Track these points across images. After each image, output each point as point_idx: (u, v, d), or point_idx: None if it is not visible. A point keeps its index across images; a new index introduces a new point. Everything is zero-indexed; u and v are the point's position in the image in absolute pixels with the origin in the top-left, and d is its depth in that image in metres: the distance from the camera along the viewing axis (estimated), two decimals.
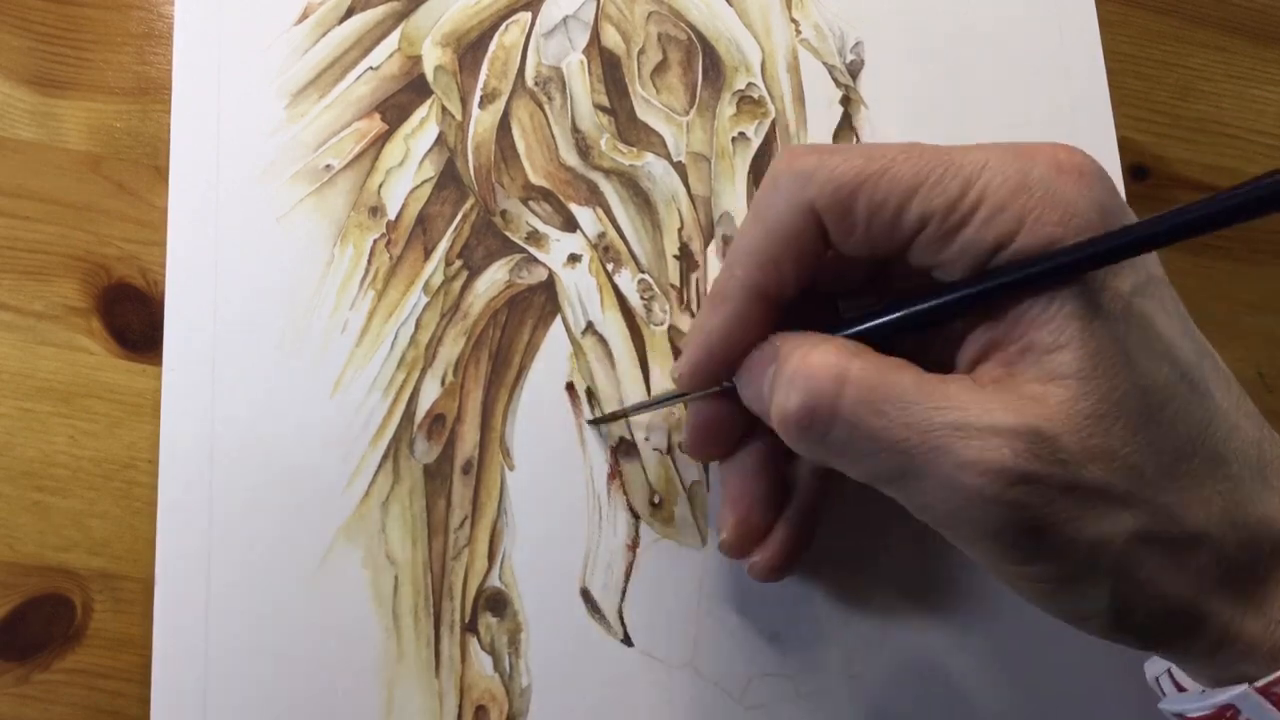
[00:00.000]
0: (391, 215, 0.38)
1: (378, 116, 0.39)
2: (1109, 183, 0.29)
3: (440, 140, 0.39)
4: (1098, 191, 0.28)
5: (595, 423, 0.37)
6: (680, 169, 0.40)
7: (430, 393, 0.37)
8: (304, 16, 0.39)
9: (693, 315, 0.39)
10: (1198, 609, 0.28)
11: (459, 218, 0.39)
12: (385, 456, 0.36)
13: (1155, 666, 0.32)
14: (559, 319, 0.38)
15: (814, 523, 0.35)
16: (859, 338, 0.30)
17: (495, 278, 0.38)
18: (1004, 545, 0.28)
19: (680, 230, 0.40)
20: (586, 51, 0.41)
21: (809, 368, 0.29)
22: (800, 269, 0.31)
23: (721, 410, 0.34)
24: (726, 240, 0.40)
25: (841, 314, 0.34)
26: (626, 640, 0.36)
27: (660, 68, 0.41)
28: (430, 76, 0.40)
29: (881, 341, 0.30)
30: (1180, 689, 0.31)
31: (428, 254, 0.38)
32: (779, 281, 0.31)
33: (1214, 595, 0.28)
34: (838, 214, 0.29)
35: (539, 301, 0.39)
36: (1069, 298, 0.27)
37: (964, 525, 0.28)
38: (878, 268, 0.33)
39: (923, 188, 0.28)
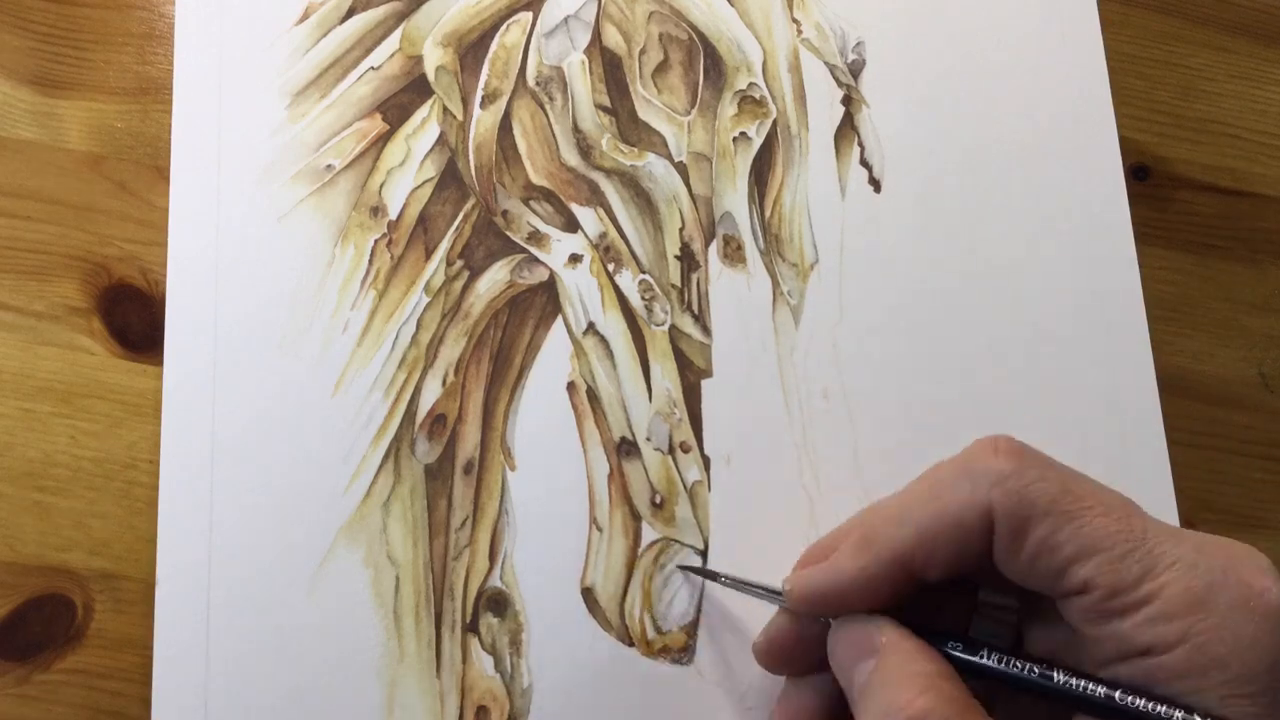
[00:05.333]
0: (393, 215, 0.38)
1: (379, 116, 0.39)
2: None
3: (441, 140, 0.39)
4: (1278, 644, 0.26)
5: (686, 570, 0.37)
6: (681, 169, 0.40)
7: (431, 393, 0.37)
8: (305, 16, 0.39)
9: (694, 316, 0.39)
10: None
11: (460, 218, 0.39)
12: (386, 456, 0.36)
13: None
14: (560, 319, 0.38)
15: None
16: (974, 669, 0.29)
17: (496, 278, 0.38)
18: None
19: (681, 230, 0.40)
20: (588, 51, 0.41)
21: (913, 705, 0.27)
22: (954, 561, 0.30)
23: (805, 633, 0.32)
24: (728, 240, 0.40)
25: (980, 601, 0.31)
26: (627, 641, 0.36)
27: (661, 67, 0.41)
28: (431, 76, 0.40)
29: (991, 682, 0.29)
30: None
31: (429, 254, 0.38)
32: (927, 562, 0.30)
33: None
34: (1009, 531, 0.28)
35: (540, 301, 0.39)
36: None
37: None
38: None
39: (1102, 555, 0.27)
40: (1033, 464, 0.29)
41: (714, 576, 0.36)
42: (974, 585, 0.32)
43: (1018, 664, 0.29)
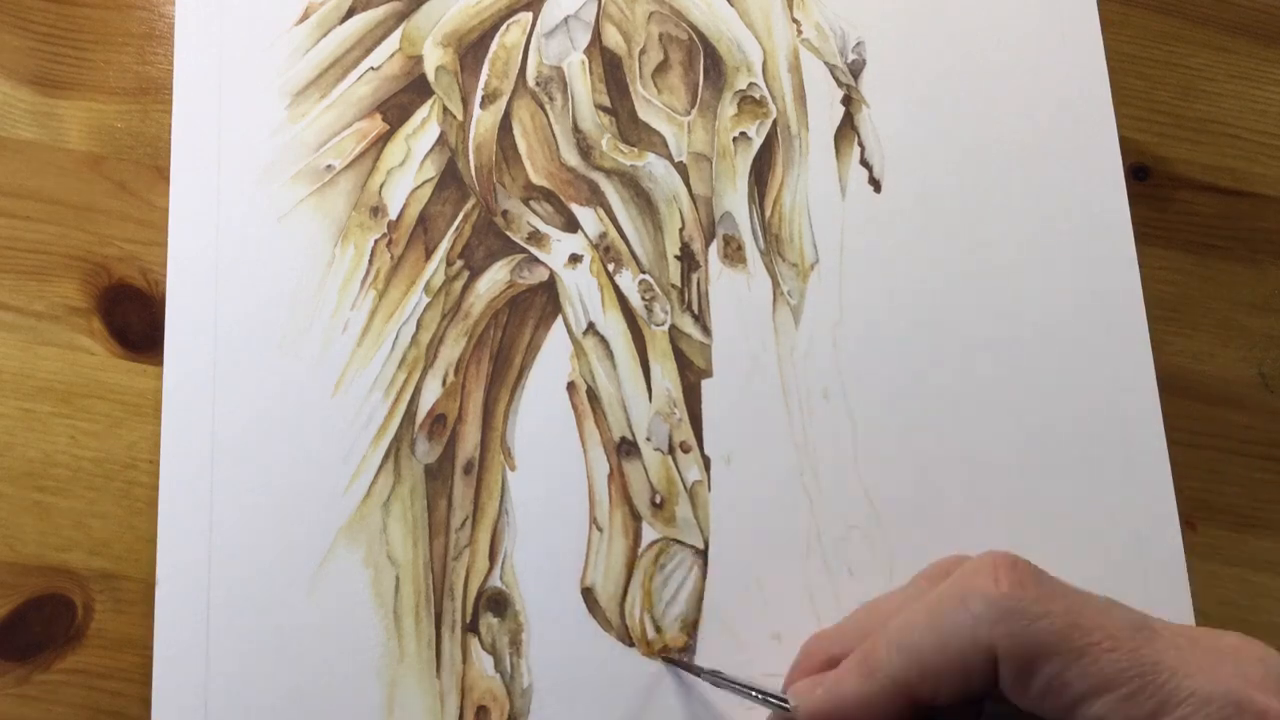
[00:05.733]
0: (393, 215, 0.38)
1: (379, 116, 0.39)
2: None
3: (441, 140, 0.39)
4: None
5: (670, 662, 0.36)
6: (681, 169, 0.40)
7: (431, 393, 0.37)
8: (305, 16, 0.39)
9: (694, 316, 0.39)
10: None
11: (460, 218, 0.39)
12: (386, 456, 0.36)
13: None
14: (560, 319, 0.38)
15: None
16: None
17: (496, 278, 0.38)
18: None
19: (681, 230, 0.40)
20: (588, 51, 0.41)
21: None
22: (959, 692, 0.29)
23: None
24: (728, 240, 0.40)
25: (986, 715, 0.31)
26: (627, 641, 0.36)
27: (661, 68, 0.41)
28: (431, 76, 0.40)
29: None
30: None
31: (429, 254, 0.38)
32: (932, 694, 0.29)
33: None
34: (1015, 670, 0.28)
35: (540, 302, 0.39)
36: None
37: None
38: None
39: (1114, 692, 0.27)
40: (1035, 595, 0.28)
41: (715, 677, 0.35)
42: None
43: None
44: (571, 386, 0.38)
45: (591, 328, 0.38)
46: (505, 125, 0.40)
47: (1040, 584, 0.29)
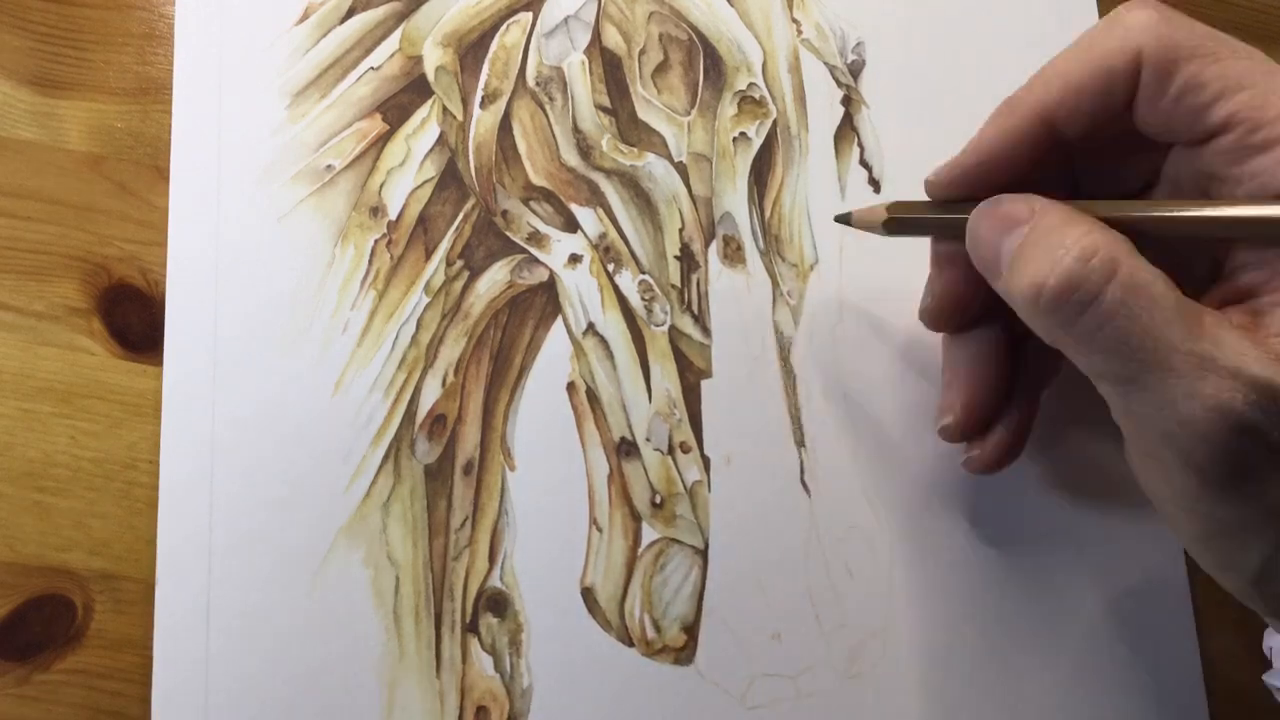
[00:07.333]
0: (393, 215, 0.38)
1: (379, 117, 0.39)
2: None
3: (441, 140, 0.39)
4: None
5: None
6: (681, 169, 0.40)
7: (431, 393, 0.37)
8: (305, 17, 0.39)
9: (694, 317, 0.39)
10: None
11: (460, 218, 0.39)
12: (386, 457, 0.36)
13: (1273, 638, 0.33)
14: (560, 319, 0.38)
15: (1034, 416, 0.34)
16: (1115, 223, 0.29)
17: (496, 278, 0.38)
18: (1200, 480, 0.27)
19: (681, 231, 0.40)
20: (588, 51, 0.41)
21: (1079, 244, 0.28)
22: (1098, 113, 0.30)
23: (964, 283, 0.33)
24: (728, 240, 0.40)
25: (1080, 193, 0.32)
26: (627, 641, 0.36)
27: (661, 68, 0.41)
28: (431, 77, 0.40)
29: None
30: None
31: (429, 254, 0.38)
32: (1073, 114, 0.30)
33: None
34: (1157, 72, 0.29)
35: (540, 302, 0.39)
36: None
37: (1168, 448, 0.27)
38: (1152, 164, 0.32)
39: (1245, 91, 0.28)
40: (1181, 16, 0.30)
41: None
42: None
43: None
44: (571, 387, 0.38)
45: (591, 328, 0.38)
46: (505, 125, 0.40)
47: (1184, 16, 0.30)
